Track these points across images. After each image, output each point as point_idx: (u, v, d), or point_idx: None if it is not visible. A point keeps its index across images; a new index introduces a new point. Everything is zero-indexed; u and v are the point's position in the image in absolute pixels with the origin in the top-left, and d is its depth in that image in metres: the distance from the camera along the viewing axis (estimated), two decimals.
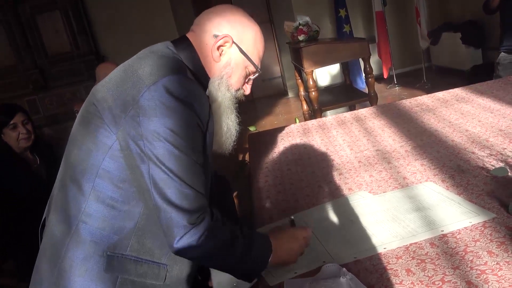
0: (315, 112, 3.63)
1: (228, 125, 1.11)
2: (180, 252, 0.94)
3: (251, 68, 1.14)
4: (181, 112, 0.93)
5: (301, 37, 3.90)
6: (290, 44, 4.33)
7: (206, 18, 1.11)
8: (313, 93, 3.54)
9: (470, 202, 1.19)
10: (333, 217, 1.31)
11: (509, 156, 1.42)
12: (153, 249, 0.99)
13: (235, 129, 1.14)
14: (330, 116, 2.48)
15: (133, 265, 0.97)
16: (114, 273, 0.96)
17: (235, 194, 2.54)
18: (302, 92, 4.53)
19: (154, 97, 0.92)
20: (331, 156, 1.81)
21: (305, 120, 4.41)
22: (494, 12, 3.31)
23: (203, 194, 0.95)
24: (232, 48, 1.10)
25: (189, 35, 1.12)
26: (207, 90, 1.08)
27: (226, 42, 1.08)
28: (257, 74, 1.17)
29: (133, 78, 0.97)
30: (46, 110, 6.31)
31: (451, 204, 1.20)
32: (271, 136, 2.32)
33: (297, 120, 2.98)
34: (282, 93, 7.40)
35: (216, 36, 1.08)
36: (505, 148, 1.48)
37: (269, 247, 1.05)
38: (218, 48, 1.09)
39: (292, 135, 2.23)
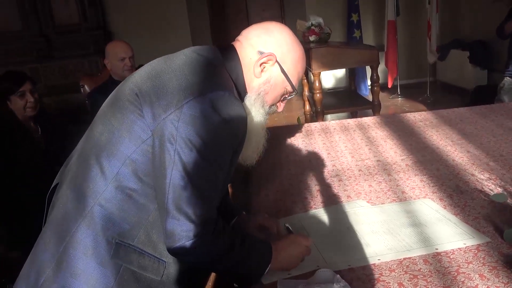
0: (317, 114, 3.64)
1: (257, 140, 1.13)
2: (177, 256, 0.97)
3: (289, 89, 1.17)
4: (220, 128, 0.95)
5: (312, 38, 3.90)
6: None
7: (254, 33, 1.13)
8: (318, 95, 3.55)
9: (466, 224, 1.21)
10: (330, 223, 1.32)
11: (507, 183, 1.44)
12: (158, 244, 1.00)
13: (263, 145, 1.16)
14: (334, 121, 2.49)
15: (137, 256, 0.98)
16: (119, 261, 0.97)
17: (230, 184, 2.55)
18: (306, 92, 4.53)
19: (198, 108, 0.94)
20: (332, 162, 1.82)
21: (306, 120, 4.42)
22: (507, 38, 3.35)
23: (214, 209, 0.97)
24: (274, 66, 1.12)
25: (235, 45, 1.13)
26: (243, 103, 1.10)
27: (269, 60, 1.11)
28: (293, 95, 1.20)
29: (181, 82, 0.98)
30: (47, 79, 6.26)
31: (447, 224, 1.22)
32: (273, 134, 2.30)
33: (300, 120, 2.99)
34: None
35: (261, 52, 1.10)
36: (505, 174, 1.50)
37: (268, 254, 1.05)
38: (260, 65, 1.10)
39: (294, 136, 2.24)
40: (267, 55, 1.10)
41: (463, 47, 5.96)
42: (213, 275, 1.52)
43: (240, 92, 1.11)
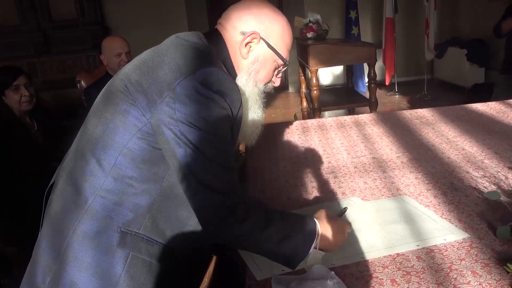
0: (314, 110, 3.65)
1: (254, 119, 1.13)
2: (216, 235, 0.95)
3: (280, 61, 1.15)
4: (214, 102, 0.96)
5: (309, 35, 3.90)
6: (297, 40, 4.33)
7: (234, 14, 1.12)
8: (315, 92, 3.56)
9: (444, 219, 1.23)
10: None
11: (501, 180, 1.45)
12: (165, 231, 1.00)
13: (261, 124, 1.16)
14: (330, 118, 2.50)
15: (145, 244, 0.98)
16: (126, 249, 0.97)
17: None
18: (303, 89, 4.54)
19: (190, 86, 0.94)
20: (328, 158, 1.83)
21: (303, 117, 4.42)
22: (504, 36, 3.37)
23: (236, 178, 0.98)
24: (260, 44, 1.11)
25: (219, 29, 1.13)
26: None
27: (253, 38, 1.10)
28: (286, 67, 1.19)
29: (171, 65, 0.98)
30: (45, 74, 6.25)
31: (426, 220, 1.24)
32: (270, 130, 2.32)
33: (296, 117, 3.00)
34: (282, 87, 7.39)
35: (243, 33, 1.09)
36: (499, 172, 1.51)
37: (313, 235, 1.03)
38: (246, 45, 1.10)
39: (290, 132, 2.25)
40: (250, 34, 1.09)
41: (461, 45, 5.98)
42: (213, 261, 1.50)
43: (230, 74, 1.10)
